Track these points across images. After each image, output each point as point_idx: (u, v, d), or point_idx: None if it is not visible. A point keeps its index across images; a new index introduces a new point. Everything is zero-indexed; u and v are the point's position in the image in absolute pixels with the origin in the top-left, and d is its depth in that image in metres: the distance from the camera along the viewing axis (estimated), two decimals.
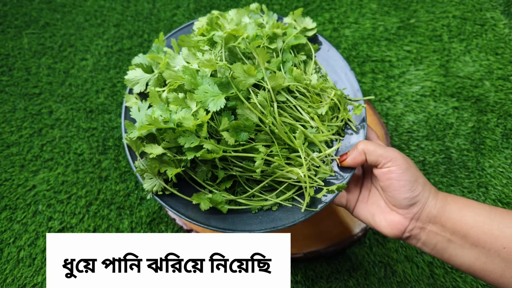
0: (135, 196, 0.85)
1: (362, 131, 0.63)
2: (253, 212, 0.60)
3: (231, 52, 0.57)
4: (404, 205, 0.55)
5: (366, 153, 0.57)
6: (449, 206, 0.54)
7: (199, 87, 0.51)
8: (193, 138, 0.51)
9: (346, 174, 0.60)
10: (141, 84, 0.62)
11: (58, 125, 0.95)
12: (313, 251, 0.75)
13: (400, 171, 0.55)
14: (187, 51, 0.58)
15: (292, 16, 0.69)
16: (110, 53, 1.05)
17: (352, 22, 1.07)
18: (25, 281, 0.76)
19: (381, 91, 0.96)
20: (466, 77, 0.97)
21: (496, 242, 0.50)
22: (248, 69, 0.52)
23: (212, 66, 0.53)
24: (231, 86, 0.52)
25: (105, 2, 1.15)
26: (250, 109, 0.53)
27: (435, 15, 1.07)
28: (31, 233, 0.81)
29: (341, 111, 0.63)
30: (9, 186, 0.86)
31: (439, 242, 0.55)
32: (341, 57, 0.70)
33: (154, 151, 0.53)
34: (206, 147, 0.51)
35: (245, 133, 0.54)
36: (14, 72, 1.03)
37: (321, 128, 0.60)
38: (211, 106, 0.51)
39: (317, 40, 0.71)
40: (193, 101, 0.53)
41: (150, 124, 0.51)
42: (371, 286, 0.75)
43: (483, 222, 0.51)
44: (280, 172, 0.57)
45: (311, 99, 0.61)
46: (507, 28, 1.03)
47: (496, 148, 0.88)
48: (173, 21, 1.10)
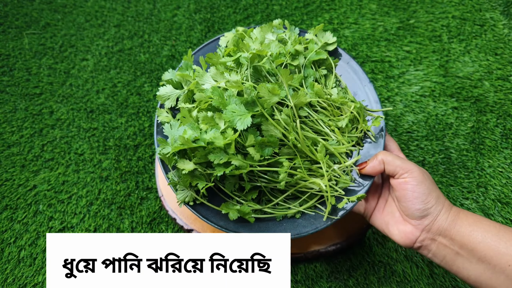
0: (136, 196, 0.85)
1: (381, 140, 0.66)
2: (278, 220, 0.64)
3: (256, 70, 0.61)
4: (416, 216, 0.58)
5: (385, 163, 0.60)
6: (460, 221, 0.56)
7: (227, 107, 0.55)
8: (222, 154, 0.55)
9: (366, 182, 0.63)
10: (172, 99, 0.65)
11: (59, 125, 0.95)
12: (313, 250, 0.75)
13: (415, 182, 0.57)
14: (214, 70, 0.61)
15: (313, 31, 0.71)
16: (111, 54, 1.06)
17: (352, 22, 1.08)
18: (26, 281, 0.77)
19: (380, 92, 0.96)
20: (466, 77, 0.97)
21: (502, 259, 0.52)
22: (272, 89, 0.55)
23: (239, 86, 0.57)
24: (256, 105, 0.56)
25: (106, 2, 1.15)
26: (274, 126, 0.57)
27: (435, 15, 1.07)
28: (31, 233, 0.81)
29: (360, 122, 0.66)
30: (10, 186, 0.87)
31: (448, 255, 0.57)
32: (360, 68, 0.72)
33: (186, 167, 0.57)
34: (234, 163, 0.55)
35: (270, 148, 0.57)
36: (15, 72, 1.03)
37: (341, 140, 0.63)
38: (239, 125, 0.54)
39: (337, 52, 0.73)
40: (222, 120, 0.56)
41: (183, 144, 0.54)
42: (371, 285, 0.75)
43: (491, 239, 0.53)
44: (303, 183, 0.61)
45: (332, 112, 0.65)
46: (506, 28, 1.03)
47: (495, 148, 0.88)
48: (174, 22, 1.10)
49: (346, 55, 0.73)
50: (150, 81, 1.01)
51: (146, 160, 0.89)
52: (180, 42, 1.07)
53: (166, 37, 1.08)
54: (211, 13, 1.12)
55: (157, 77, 1.01)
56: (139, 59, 1.05)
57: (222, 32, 1.08)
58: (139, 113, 0.96)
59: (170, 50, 1.06)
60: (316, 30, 0.71)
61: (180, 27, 1.09)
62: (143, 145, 0.91)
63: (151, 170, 0.88)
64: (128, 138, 0.92)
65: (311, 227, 0.62)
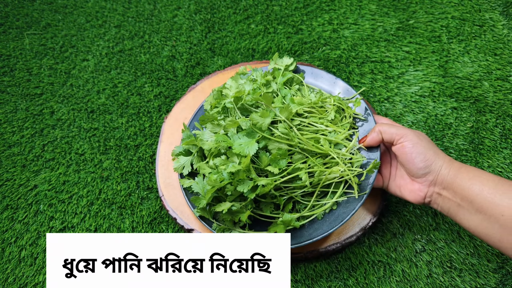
0: (136, 195, 0.85)
1: (370, 117, 0.75)
2: (320, 219, 0.70)
3: (242, 109, 0.71)
4: (420, 174, 0.64)
5: (382, 133, 0.67)
6: (461, 175, 0.61)
7: (234, 143, 0.63)
8: (248, 182, 0.62)
9: (374, 154, 0.71)
10: (187, 166, 0.74)
11: (60, 125, 0.95)
12: (313, 250, 0.75)
13: (411, 144, 0.63)
14: (211, 125, 0.70)
15: (272, 61, 0.83)
16: (111, 54, 1.06)
17: (352, 23, 1.08)
18: (27, 281, 0.77)
19: (380, 92, 0.96)
20: (465, 78, 0.97)
21: (496, 209, 0.56)
22: (262, 114, 0.64)
23: (235, 123, 0.65)
24: (255, 132, 0.64)
25: (106, 3, 1.16)
26: (278, 141, 0.65)
27: (434, 16, 1.07)
28: (32, 232, 0.82)
29: (345, 110, 0.76)
30: (11, 186, 0.87)
31: (452, 207, 0.62)
32: (323, 71, 0.84)
33: (225, 207, 0.64)
34: (261, 183, 0.62)
35: (283, 160, 0.64)
36: (16, 72, 1.03)
37: (337, 130, 0.72)
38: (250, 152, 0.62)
39: (299, 70, 0.85)
40: (234, 155, 0.64)
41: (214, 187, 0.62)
42: (371, 285, 0.75)
43: (487, 191, 0.57)
44: (324, 177, 0.68)
45: (318, 111, 0.74)
46: (506, 28, 1.04)
47: (494, 148, 0.88)
48: (174, 22, 1.11)
49: (307, 67, 0.85)
50: (151, 81, 1.01)
51: (146, 160, 0.90)
52: (181, 43, 1.07)
53: (167, 38, 1.08)
54: (211, 14, 1.12)
55: (158, 78, 1.02)
56: (140, 59, 1.05)
57: (223, 32, 1.08)
58: (139, 113, 0.96)
59: (171, 50, 1.06)
60: (275, 59, 0.82)
61: (180, 28, 1.10)
62: (143, 145, 0.92)
63: (152, 170, 0.88)
64: (128, 138, 0.93)
65: (350, 210, 0.68)
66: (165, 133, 0.89)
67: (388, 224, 0.80)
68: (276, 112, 0.65)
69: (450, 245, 0.78)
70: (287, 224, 0.65)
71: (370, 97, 0.96)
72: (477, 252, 0.77)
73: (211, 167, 0.68)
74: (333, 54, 1.03)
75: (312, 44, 1.05)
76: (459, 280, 0.75)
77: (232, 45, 1.06)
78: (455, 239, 0.78)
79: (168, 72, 1.03)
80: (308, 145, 0.66)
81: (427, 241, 0.78)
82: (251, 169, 0.63)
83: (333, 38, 1.05)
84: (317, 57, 1.02)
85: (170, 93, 0.99)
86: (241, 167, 0.61)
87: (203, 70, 1.02)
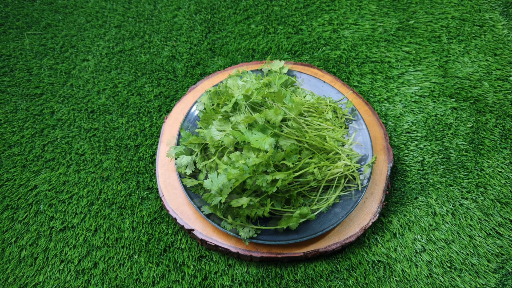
0: (136, 195, 0.85)
1: (358, 116, 0.83)
2: (325, 212, 0.74)
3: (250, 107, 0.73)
4: None
5: None
6: None
7: (250, 138, 0.64)
8: (265, 176, 0.64)
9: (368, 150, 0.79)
10: (190, 166, 0.74)
11: (60, 125, 0.95)
12: (313, 250, 0.75)
13: None
14: (218, 122, 0.71)
15: (265, 64, 0.87)
16: (112, 54, 1.06)
17: (352, 23, 1.08)
18: (27, 281, 0.77)
19: (380, 92, 0.96)
20: (465, 78, 0.97)
21: None
22: (275, 110, 0.66)
23: (250, 119, 0.67)
24: (268, 128, 0.67)
25: (107, 3, 1.16)
26: (289, 137, 0.68)
27: (434, 16, 1.08)
28: (32, 232, 0.82)
29: (337, 111, 0.83)
30: (11, 186, 0.87)
31: None
32: (312, 76, 0.89)
33: (242, 202, 0.65)
34: (280, 177, 0.64)
35: (294, 155, 0.67)
36: (16, 72, 1.03)
37: (335, 128, 0.77)
38: (267, 147, 0.63)
39: (291, 73, 0.90)
40: (250, 151, 0.66)
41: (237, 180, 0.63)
42: (371, 285, 0.75)
43: None
44: (329, 172, 0.72)
45: (317, 111, 0.79)
46: (505, 29, 1.04)
47: (494, 148, 0.88)
48: (174, 22, 1.11)
49: (296, 72, 0.90)
50: (151, 81, 1.01)
51: (147, 160, 0.90)
52: (181, 43, 1.07)
53: (167, 38, 1.08)
54: (211, 14, 1.12)
55: (158, 78, 1.02)
56: (140, 59, 1.05)
57: (223, 32, 1.09)
58: (139, 114, 0.96)
59: (171, 50, 1.06)
60: (267, 62, 0.86)
61: (180, 28, 1.10)
62: (143, 145, 0.92)
63: (152, 170, 0.88)
64: (129, 138, 0.93)
65: (354, 201, 0.74)
66: (165, 133, 0.89)
67: (388, 224, 0.80)
68: (285, 110, 0.68)
69: (450, 245, 0.78)
70: (304, 216, 0.68)
71: (370, 97, 0.96)
72: (477, 252, 0.77)
73: (225, 163, 0.69)
74: (333, 54, 1.03)
75: (312, 44, 1.05)
76: (459, 280, 0.75)
77: (232, 45, 1.06)
78: (455, 239, 0.78)
79: (168, 72, 1.03)
80: (316, 141, 0.70)
81: (427, 241, 0.78)
82: (270, 163, 0.65)
83: (333, 38, 1.06)
84: (317, 57, 1.03)
85: (170, 93, 0.99)
86: (263, 160, 0.62)
87: (203, 70, 1.02)
